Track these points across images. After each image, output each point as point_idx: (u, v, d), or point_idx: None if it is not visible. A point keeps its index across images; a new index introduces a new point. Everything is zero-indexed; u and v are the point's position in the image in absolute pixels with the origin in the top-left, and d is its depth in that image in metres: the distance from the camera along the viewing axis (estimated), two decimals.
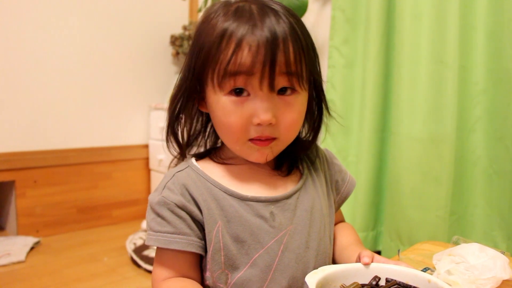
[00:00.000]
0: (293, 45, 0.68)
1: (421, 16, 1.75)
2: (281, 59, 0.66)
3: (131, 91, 3.03)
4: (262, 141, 0.71)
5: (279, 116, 0.69)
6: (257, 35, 0.66)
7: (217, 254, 0.71)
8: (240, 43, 0.66)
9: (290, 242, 0.73)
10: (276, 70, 0.66)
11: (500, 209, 1.67)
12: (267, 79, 0.67)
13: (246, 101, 0.69)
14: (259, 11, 0.68)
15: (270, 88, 0.67)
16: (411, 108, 1.78)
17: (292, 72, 0.68)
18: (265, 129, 0.69)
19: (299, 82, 0.70)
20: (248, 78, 0.67)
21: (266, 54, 0.65)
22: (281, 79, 0.68)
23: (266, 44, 0.65)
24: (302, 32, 0.71)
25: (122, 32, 2.93)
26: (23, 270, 2.15)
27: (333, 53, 2.07)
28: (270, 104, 0.68)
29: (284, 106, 0.70)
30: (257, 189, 0.75)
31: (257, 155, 0.73)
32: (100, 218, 2.88)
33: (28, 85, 2.56)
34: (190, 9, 3.27)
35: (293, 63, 0.68)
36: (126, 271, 2.18)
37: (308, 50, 0.71)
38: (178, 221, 0.71)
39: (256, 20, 0.67)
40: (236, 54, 0.66)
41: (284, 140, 0.73)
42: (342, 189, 0.87)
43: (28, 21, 2.53)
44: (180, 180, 0.74)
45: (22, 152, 2.55)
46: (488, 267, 0.76)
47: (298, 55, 0.68)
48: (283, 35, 0.67)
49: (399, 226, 1.83)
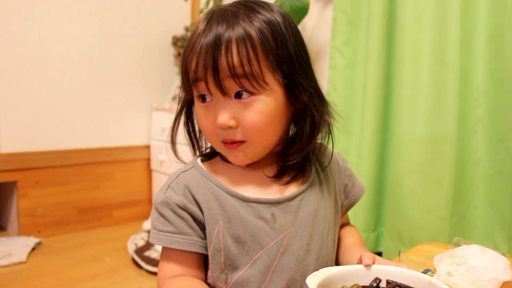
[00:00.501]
0: (239, 47, 0.67)
1: (422, 17, 1.75)
2: (223, 63, 0.67)
3: (133, 91, 3.04)
4: (230, 144, 0.72)
5: (239, 119, 0.70)
6: (203, 42, 0.68)
7: (217, 254, 0.72)
8: (191, 50, 0.70)
9: (290, 244, 0.73)
10: (221, 75, 0.67)
11: (501, 210, 1.67)
12: (213, 84, 0.68)
13: (211, 106, 0.72)
14: (219, 16, 0.70)
15: (220, 92, 0.69)
16: (412, 109, 1.78)
17: (239, 74, 0.67)
18: (228, 133, 0.71)
19: (254, 85, 0.68)
20: (199, 83, 0.70)
21: (206, 59, 0.67)
22: (230, 83, 0.68)
23: (207, 49, 0.67)
24: (262, 31, 0.69)
25: (123, 33, 2.93)
26: (24, 271, 2.16)
27: (334, 54, 2.07)
28: (226, 107, 0.69)
29: (243, 109, 0.69)
30: (260, 190, 0.76)
31: (231, 157, 0.75)
32: (101, 219, 2.88)
33: (30, 85, 2.56)
34: (192, 10, 3.27)
35: (239, 66, 0.67)
36: (127, 272, 2.18)
37: (266, 49, 0.69)
38: (179, 221, 0.72)
39: (210, 26, 0.69)
40: (188, 61, 0.71)
41: (254, 143, 0.72)
42: (351, 194, 0.87)
43: (30, 22, 2.53)
44: (183, 180, 0.75)
45: (24, 152, 2.56)
46: (489, 268, 0.76)
47: (245, 55, 0.67)
48: (227, 39, 0.67)
49: (400, 227, 1.83)
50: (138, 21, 2.99)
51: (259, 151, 0.74)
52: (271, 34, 0.70)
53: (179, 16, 3.20)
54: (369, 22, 1.92)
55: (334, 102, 2.09)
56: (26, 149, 2.57)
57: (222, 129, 0.70)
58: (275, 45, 0.70)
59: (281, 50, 0.70)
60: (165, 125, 2.90)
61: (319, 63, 2.34)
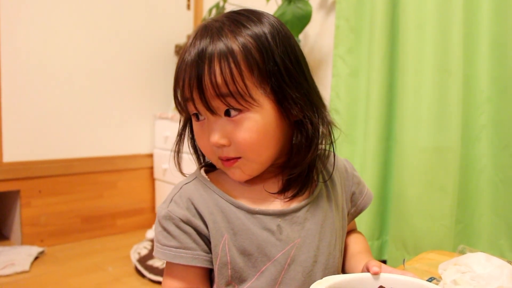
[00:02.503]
0: (221, 65, 0.66)
1: (425, 24, 1.75)
2: (207, 83, 0.66)
3: (136, 100, 3.04)
4: (226, 161, 0.72)
5: (230, 137, 0.69)
6: (188, 59, 0.68)
7: (224, 268, 0.71)
8: (179, 72, 0.70)
9: (297, 255, 0.72)
10: (207, 94, 0.67)
11: (506, 217, 1.66)
12: (201, 104, 0.68)
13: (204, 124, 0.72)
14: (202, 32, 0.70)
15: (209, 112, 0.68)
16: (416, 117, 1.77)
17: (224, 93, 0.66)
18: (222, 150, 0.71)
19: (241, 102, 0.67)
20: (189, 104, 0.70)
21: (191, 78, 0.67)
22: (217, 102, 0.67)
23: (191, 68, 0.67)
24: (245, 46, 0.67)
25: (127, 42, 2.95)
26: (27, 280, 2.15)
27: (337, 62, 2.07)
28: (217, 126, 0.69)
29: (233, 127, 0.69)
30: (266, 202, 0.75)
31: (230, 175, 0.74)
32: (104, 228, 2.88)
33: (33, 94, 2.57)
34: (195, 19, 3.28)
35: (223, 85, 0.66)
36: (130, 281, 2.17)
37: (250, 64, 0.67)
38: (183, 236, 0.71)
39: (194, 43, 0.69)
40: (177, 82, 0.71)
41: (250, 159, 0.71)
42: (359, 202, 0.86)
43: (33, 31, 2.55)
44: (186, 193, 0.74)
45: (27, 161, 2.56)
46: (494, 276, 0.75)
47: (229, 74, 0.66)
48: (209, 56, 0.66)
49: (405, 235, 1.82)
50: (141, 30, 3.01)
51: (257, 167, 0.73)
52: (256, 47, 0.68)
53: (181, 25, 3.22)
54: (372, 30, 1.92)
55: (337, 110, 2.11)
56: (29, 158, 2.57)
57: (216, 148, 0.71)
58: (261, 59, 0.68)
59: (267, 63, 0.68)
60: (168, 134, 2.90)
61: (322, 71, 2.34)
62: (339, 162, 0.85)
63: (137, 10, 2.98)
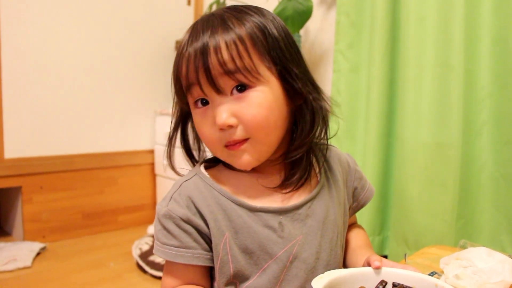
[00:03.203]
0: (227, 43, 0.66)
1: (426, 20, 1.74)
2: (214, 62, 0.66)
3: (137, 96, 3.04)
4: (233, 145, 0.69)
5: (238, 116, 0.67)
6: (191, 49, 0.67)
7: (225, 267, 0.71)
8: (180, 59, 0.69)
9: (299, 252, 0.72)
10: (213, 73, 0.66)
11: (507, 213, 1.66)
12: (207, 84, 0.67)
13: (208, 109, 0.70)
14: (204, 22, 0.69)
15: (216, 91, 0.67)
16: (417, 112, 1.77)
17: (232, 70, 0.66)
18: (230, 133, 0.68)
19: (248, 77, 0.67)
20: (194, 88, 0.69)
21: (196, 61, 0.66)
22: (225, 80, 0.67)
23: (195, 53, 0.67)
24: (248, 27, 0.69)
25: (127, 38, 2.94)
26: (29, 276, 2.16)
27: (338, 58, 2.07)
28: (224, 107, 0.67)
29: (241, 104, 0.68)
30: (267, 199, 0.74)
31: (237, 161, 0.71)
32: (106, 224, 2.89)
33: (34, 91, 2.57)
34: (195, 15, 3.28)
35: (230, 60, 0.66)
36: (132, 277, 2.18)
37: (254, 42, 0.68)
38: (183, 235, 0.71)
39: (196, 34, 0.68)
40: (179, 68, 0.70)
41: (259, 140, 0.69)
42: (361, 197, 0.86)
43: (34, 27, 2.55)
44: (186, 191, 0.73)
45: (29, 157, 2.56)
46: (496, 271, 0.75)
47: (235, 50, 0.66)
48: (215, 39, 0.66)
49: (406, 231, 1.82)
50: (141, 26, 3.00)
51: (264, 149, 0.71)
52: (257, 27, 0.69)
53: (182, 21, 3.21)
54: (373, 25, 1.92)
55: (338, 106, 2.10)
56: (31, 154, 2.57)
57: (223, 131, 0.68)
58: (263, 36, 0.69)
59: (269, 40, 0.69)
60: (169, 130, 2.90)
61: (322, 66, 2.33)
62: (342, 156, 0.85)
63: (137, 6, 2.98)
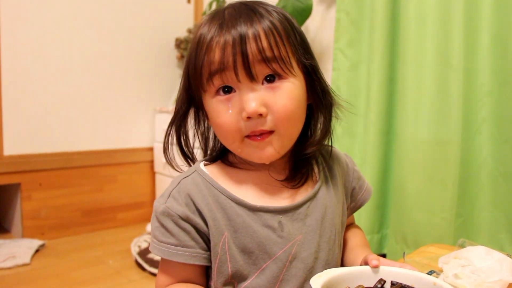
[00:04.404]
0: (265, 30, 0.66)
1: (426, 18, 1.74)
2: (253, 47, 0.65)
3: (136, 94, 3.04)
4: (258, 136, 0.68)
5: (269, 105, 0.66)
6: (226, 33, 0.66)
7: (223, 266, 0.70)
8: (210, 44, 0.67)
9: (299, 252, 0.71)
10: (250, 59, 0.65)
11: (506, 211, 1.66)
12: (242, 69, 0.65)
13: (233, 98, 0.68)
14: (232, 13, 0.68)
15: (249, 78, 0.66)
16: (416, 110, 1.77)
17: (269, 57, 0.66)
18: (257, 123, 0.66)
19: (283, 68, 0.67)
20: (225, 74, 0.66)
21: (234, 45, 0.65)
22: (260, 67, 0.66)
23: (234, 36, 0.65)
24: (278, 18, 0.69)
25: (127, 35, 2.94)
26: (28, 273, 2.16)
27: (337, 56, 2.06)
28: (255, 94, 0.66)
29: (272, 94, 0.67)
30: (267, 198, 0.73)
31: (258, 153, 0.69)
32: (105, 221, 2.89)
33: (33, 88, 2.57)
34: (195, 12, 3.27)
35: (268, 48, 0.66)
36: (130, 274, 2.18)
37: (287, 33, 0.69)
38: (181, 234, 0.69)
39: (227, 21, 0.67)
40: (207, 54, 0.67)
41: (283, 133, 0.68)
42: (358, 197, 0.86)
43: (32, 24, 2.54)
44: (185, 188, 0.72)
45: (28, 154, 2.56)
46: (494, 270, 0.75)
47: (273, 39, 0.66)
48: (254, 27, 0.66)
49: (405, 228, 1.82)
50: (141, 23, 3.00)
51: (286, 143, 0.71)
52: (288, 20, 0.70)
53: (182, 18, 3.21)
54: (373, 23, 1.91)
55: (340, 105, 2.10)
56: (30, 151, 2.57)
57: (249, 120, 0.66)
58: (292, 31, 0.70)
59: (295, 34, 0.71)
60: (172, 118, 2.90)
61: (322, 64, 2.33)
62: (341, 156, 0.85)
63: (137, 4, 2.98)
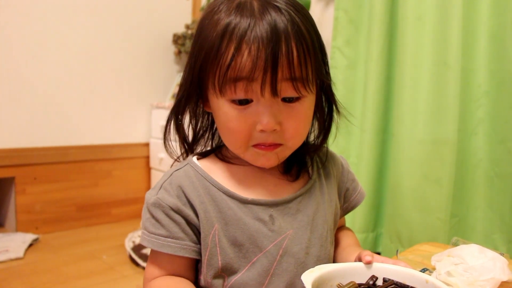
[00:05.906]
0: (297, 46, 0.63)
1: (424, 17, 1.74)
2: (284, 63, 0.63)
3: (133, 89, 3.03)
4: (266, 146, 0.68)
5: (283, 123, 0.66)
6: (257, 35, 0.62)
7: (213, 259, 0.69)
8: (239, 45, 0.62)
9: (289, 246, 0.71)
10: (279, 76, 0.63)
11: (501, 212, 1.66)
12: (269, 84, 0.63)
13: (249, 107, 0.66)
14: (260, 7, 0.64)
15: (272, 94, 0.64)
16: (413, 109, 1.77)
17: (297, 77, 0.64)
18: (268, 136, 0.67)
19: (305, 87, 0.66)
20: (249, 84, 0.64)
21: (267, 58, 0.62)
22: (285, 85, 0.64)
23: (267, 47, 0.61)
24: (308, 29, 0.66)
25: (124, 31, 2.93)
26: (21, 267, 2.15)
27: (335, 54, 2.06)
28: (273, 110, 0.65)
29: (289, 113, 0.67)
30: (259, 191, 0.73)
31: (262, 160, 0.70)
32: (99, 216, 2.88)
33: (29, 81, 2.56)
34: (193, 8, 3.27)
35: (297, 67, 0.64)
36: (124, 269, 2.17)
37: (314, 50, 0.67)
38: (172, 225, 0.69)
39: (256, 18, 0.63)
40: (235, 58, 0.63)
41: (290, 147, 0.70)
42: (352, 198, 0.86)
43: (29, 18, 2.53)
44: (177, 180, 0.72)
45: (22, 148, 2.55)
46: (487, 268, 0.75)
47: (303, 57, 0.64)
48: (286, 35, 0.62)
49: (399, 228, 1.82)
50: (139, 18, 2.99)
51: (289, 153, 0.73)
52: (312, 27, 0.69)
53: (180, 14, 3.20)
54: (371, 22, 1.91)
55: None
56: (25, 145, 2.56)
57: (262, 132, 0.66)
58: (318, 43, 0.69)
59: (322, 49, 0.71)
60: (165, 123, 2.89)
61: None
62: (336, 157, 0.85)
63: None
